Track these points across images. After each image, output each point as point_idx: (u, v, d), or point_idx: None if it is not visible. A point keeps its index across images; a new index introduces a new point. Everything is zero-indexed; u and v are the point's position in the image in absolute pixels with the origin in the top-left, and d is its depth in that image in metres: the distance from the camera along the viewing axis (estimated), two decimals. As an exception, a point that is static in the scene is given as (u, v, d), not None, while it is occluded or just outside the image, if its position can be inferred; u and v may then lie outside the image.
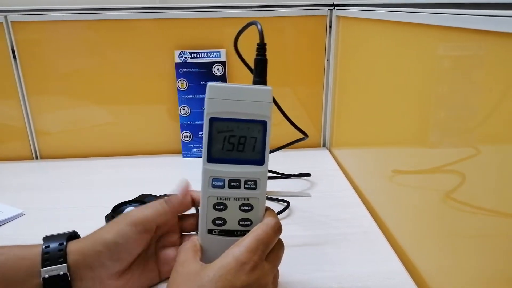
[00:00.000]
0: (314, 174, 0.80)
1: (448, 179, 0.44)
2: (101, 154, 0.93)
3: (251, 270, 0.38)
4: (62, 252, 0.42)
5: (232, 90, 0.41)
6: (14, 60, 0.85)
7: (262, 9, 0.85)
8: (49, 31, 0.84)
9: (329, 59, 0.89)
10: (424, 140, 0.50)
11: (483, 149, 0.38)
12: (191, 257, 0.41)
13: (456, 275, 0.43)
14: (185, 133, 0.91)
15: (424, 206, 0.50)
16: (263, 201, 0.43)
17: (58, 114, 0.90)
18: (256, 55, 0.45)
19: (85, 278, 0.43)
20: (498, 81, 0.36)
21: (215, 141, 0.42)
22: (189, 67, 0.87)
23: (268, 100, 0.41)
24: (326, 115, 0.94)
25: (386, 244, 0.58)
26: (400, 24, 0.55)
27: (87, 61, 0.87)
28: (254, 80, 0.46)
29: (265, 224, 0.41)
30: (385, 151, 0.64)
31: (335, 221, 0.64)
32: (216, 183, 0.42)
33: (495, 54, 0.36)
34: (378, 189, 0.67)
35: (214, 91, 0.41)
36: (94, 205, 0.70)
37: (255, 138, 0.42)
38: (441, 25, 0.44)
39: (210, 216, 0.43)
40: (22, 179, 0.82)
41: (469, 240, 0.41)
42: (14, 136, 0.91)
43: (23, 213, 0.68)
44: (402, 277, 0.51)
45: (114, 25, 0.84)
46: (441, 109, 0.46)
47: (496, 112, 0.36)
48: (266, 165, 0.43)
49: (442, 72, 0.45)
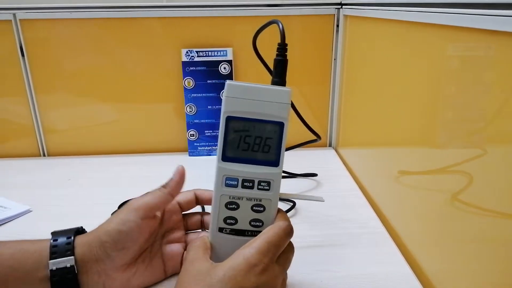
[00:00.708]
0: (320, 174, 0.80)
1: (455, 180, 0.44)
2: (107, 151, 0.93)
3: (261, 272, 0.38)
4: (70, 245, 0.43)
5: (250, 89, 0.41)
6: (23, 58, 0.86)
7: (269, 7, 0.85)
8: (57, 29, 0.84)
9: (336, 58, 0.89)
10: (431, 140, 0.50)
11: (491, 150, 0.38)
12: (201, 255, 0.41)
13: (463, 277, 0.43)
14: (191, 131, 0.91)
15: (430, 208, 0.50)
16: (276, 202, 0.43)
17: (66, 111, 0.91)
18: (277, 55, 0.45)
19: (91, 271, 0.43)
20: (507, 82, 0.35)
21: (230, 140, 0.42)
22: (195, 65, 0.87)
23: (286, 102, 0.41)
24: (333, 114, 0.94)
25: (392, 245, 0.58)
26: (408, 23, 0.54)
27: (95, 59, 0.87)
28: (273, 80, 0.45)
29: (277, 227, 0.41)
30: (392, 152, 0.63)
31: (341, 221, 0.64)
32: (229, 182, 0.42)
33: (504, 55, 0.36)
34: (385, 189, 0.66)
35: (232, 89, 0.41)
36: (101, 202, 0.70)
37: (271, 139, 0.42)
38: (450, 24, 0.43)
39: (222, 215, 0.43)
40: (29, 176, 0.83)
41: (477, 242, 0.40)
42: (22, 133, 0.91)
43: (30, 209, 0.68)
44: (408, 278, 0.51)
45: (122, 23, 0.85)
46: (448, 110, 0.45)
47: (504, 113, 0.36)
48: (280, 167, 0.42)
49: (450, 72, 0.45)
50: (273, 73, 0.45)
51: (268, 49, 0.50)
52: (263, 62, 0.54)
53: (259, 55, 0.53)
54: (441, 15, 0.45)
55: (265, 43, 0.52)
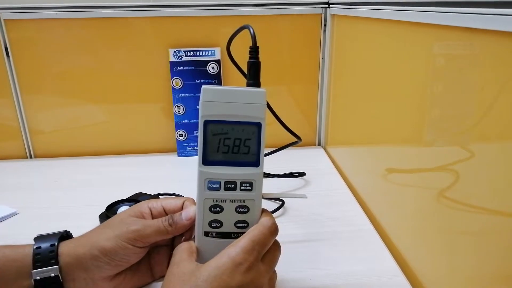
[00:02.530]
0: (309, 173, 0.80)
1: (443, 177, 0.44)
2: (95, 153, 0.93)
3: (246, 270, 0.38)
4: (54, 253, 0.42)
5: (226, 92, 0.41)
6: (8, 59, 0.85)
7: (256, 7, 0.85)
8: (42, 29, 0.83)
9: (324, 57, 0.89)
10: (419, 138, 0.50)
11: (478, 148, 0.39)
12: (186, 258, 0.41)
13: (450, 273, 0.44)
14: (180, 131, 0.91)
15: (418, 205, 0.50)
16: (259, 202, 0.43)
17: (52, 112, 0.90)
18: (249, 58, 0.46)
19: (78, 279, 0.43)
20: (493, 80, 0.36)
21: (210, 143, 0.42)
22: (183, 65, 0.87)
23: (262, 102, 0.42)
24: (321, 113, 0.94)
25: (380, 243, 0.58)
26: (394, 22, 0.55)
27: (81, 60, 0.86)
28: (248, 82, 0.46)
29: (261, 225, 0.41)
30: (380, 150, 0.64)
31: (330, 219, 0.64)
32: (211, 185, 0.42)
33: (490, 53, 0.36)
34: (373, 187, 0.67)
35: (208, 93, 0.41)
36: (88, 204, 0.69)
37: (250, 139, 0.42)
38: (436, 23, 0.44)
39: (207, 219, 0.43)
40: (15, 178, 0.82)
41: (464, 239, 0.41)
42: (8, 135, 0.90)
43: (16, 212, 0.67)
44: (396, 275, 0.51)
45: (108, 23, 0.84)
46: (436, 108, 0.46)
47: (490, 111, 0.36)
48: (261, 167, 0.43)
49: (437, 71, 0.45)
50: (247, 75, 0.46)
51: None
52: (238, 67, 0.56)
53: (233, 61, 0.55)
54: (428, 14, 0.45)
55: (247, 45, 0.52)
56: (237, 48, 0.53)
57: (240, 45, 0.53)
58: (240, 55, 0.53)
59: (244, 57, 0.48)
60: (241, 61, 0.54)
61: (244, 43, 0.50)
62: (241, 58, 0.53)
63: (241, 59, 0.54)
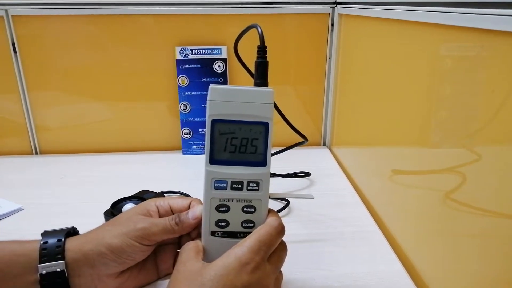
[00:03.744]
0: (314, 173, 0.80)
1: (449, 179, 0.44)
2: (100, 150, 0.93)
3: (252, 270, 0.38)
4: (60, 248, 0.42)
5: (233, 92, 0.41)
6: (15, 55, 0.85)
7: (264, 6, 0.85)
8: (49, 26, 0.84)
9: (331, 57, 0.89)
10: (425, 140, 0.50)
11: (485, 150, 0.38)
12: (193, 257, 0.41)
13: (456, 276, 0.43)
14: (185, 129, 0.90)
15: (424, 207, 0.50)
16: (266, 202, 0.43)
17: (58, 109, 0.90)
18: (257, 57, 0.46)
19: (83, 275, 0.43)
20: (501, 82, 0.35)
21: (217, 143, 0.42)
22: (190, 63, 0.86)
23: (269, 102, 0.42)
24: (327, 113, 0.94)
25: (385, 244, 0.58)
26: (402, 22, 0.54)
27: (88, 57, 0.86)
28: (255, 82, 0.46)
29: (268, 225, 0.41)
30: (386, 151, 0.63)
31: (335, 220, 0.64)
32: (218, 185, 0.42)
33: (498, 54, 0.36)
34: (378, 188, 0.67)
35: (216, 93, 0.41)
36: (93, 200, 0.70)
37: (257, 139, 0.42)
38: (444, 23, 0.43)
39: (213, 218, 0.43)
40: (21, 174, 0.82)
41: (469, 241, 0.41)
42: (14, 131, 0.91)
43: (22, 208, 0.68)
44: (401, 277, 0.51)
45: (115, 20, 0.84)
46: (443, 109, 0.45)
47: (498, 113, 0.36)
48: (268, 167, 0.43)
49: (445, 72, 0.45)
50: (255, 75, 0.46)
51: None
52: (245, 67, 0.55)
53: (241, 60, 0.54)
54: (436, 14, 0.45)
55: (254, 45, 0.52)
56: (244, 47, 0.53)
57: (246, 44, 0.52)
58: (247, 54, 0.53)
59: (250, 56, 0.48)
60: (247, 60, 0.54)
61: (251, 42, 0.50)
62: (248, 57, 0.53)
63: (247, 58, 0.54)
